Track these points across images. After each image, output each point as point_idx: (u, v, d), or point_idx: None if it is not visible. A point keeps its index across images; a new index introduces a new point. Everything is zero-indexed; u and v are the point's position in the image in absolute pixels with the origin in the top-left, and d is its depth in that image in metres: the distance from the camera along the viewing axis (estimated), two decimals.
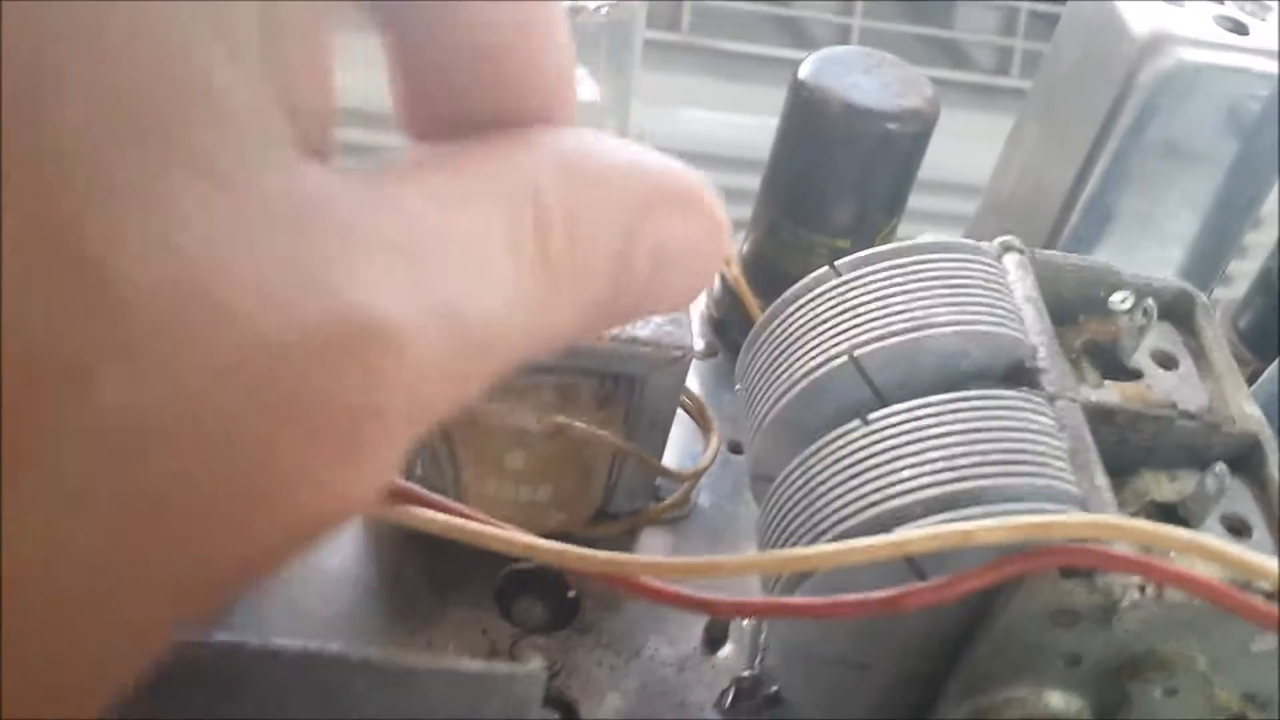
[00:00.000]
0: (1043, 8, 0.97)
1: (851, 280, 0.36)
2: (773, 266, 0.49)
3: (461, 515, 0.29)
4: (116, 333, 0.14)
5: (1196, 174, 0.48)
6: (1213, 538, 0.31)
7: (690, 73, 0.95)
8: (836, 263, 0.36)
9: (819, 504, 0.33)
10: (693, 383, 0.51)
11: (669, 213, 0.22)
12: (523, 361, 0.20)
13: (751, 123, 0.90)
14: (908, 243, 0.36)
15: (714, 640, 0.43)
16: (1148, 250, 0.50)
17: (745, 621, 0.43)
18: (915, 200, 0.94)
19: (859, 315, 0.35)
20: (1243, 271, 0.64)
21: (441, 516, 0.29)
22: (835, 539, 0.32)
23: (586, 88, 0.46)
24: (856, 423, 0.33)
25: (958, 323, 0.35)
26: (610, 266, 0.20)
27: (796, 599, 0.32)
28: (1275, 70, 0.46)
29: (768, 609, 0.35)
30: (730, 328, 0.52)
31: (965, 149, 0.73)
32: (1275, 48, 0.46)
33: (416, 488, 0.29)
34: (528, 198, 0.19)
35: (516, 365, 0.20)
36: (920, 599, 0.30)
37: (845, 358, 0.35)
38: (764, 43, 0.95)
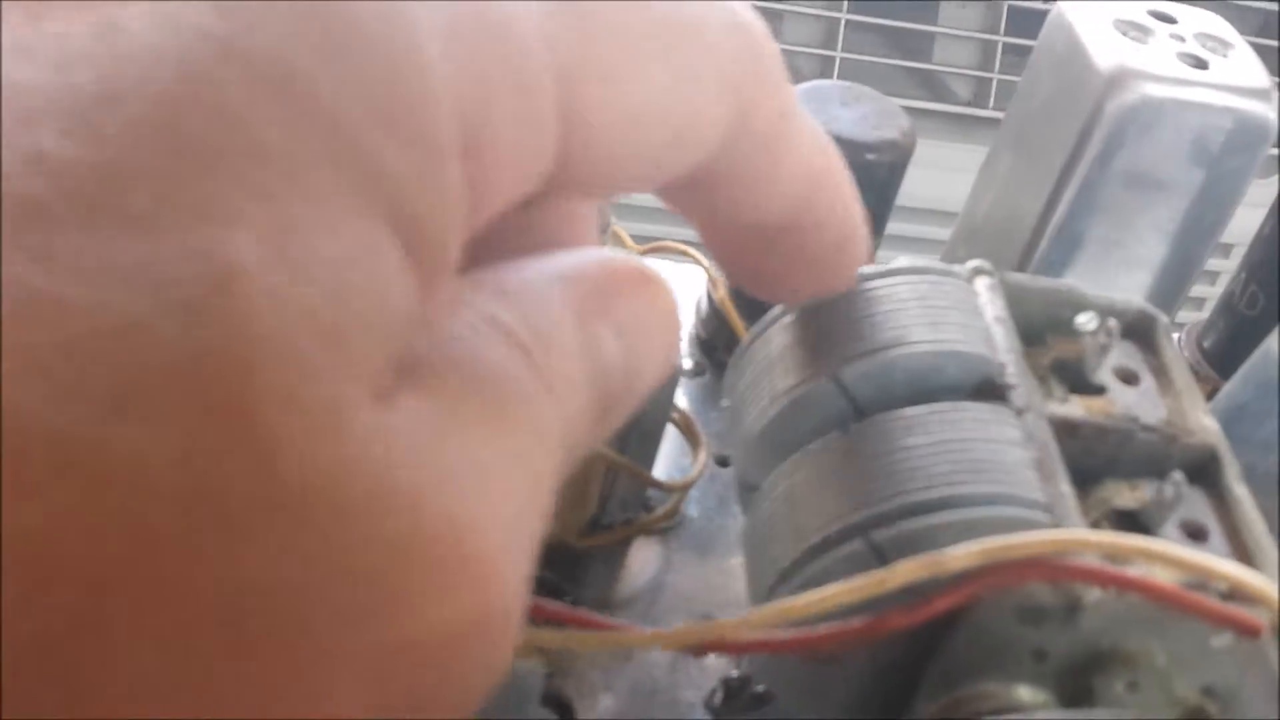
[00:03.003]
0: (1019, 42, 0.99)
1: (831, 300, 0.38)
2: None
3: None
4: (276, 503, 0.15)
5: (1161, 202, 0.50)
6: (1170, 544, 0.33)
7: None
8: None
9: (800, 510, 0.35)
10: (681, 400, 0.53)
11: (616, 296, 0.23)
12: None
13: None
14: (885, 266, 0.39)
15: None
16: (1115, 275, 0.53)
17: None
18: (896, 226, 0.97)
19: (839, 334, 0.37)
20: (1213, 295, 0.67)
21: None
22: (815, 544, 0.34)
23: None
24: (836, 433, 0.35)
25: (932, 341, 0.37)
26: (589, 362, 0.22)
27: (779, 636, 0.33)
28: (1234, 104, 0.48)
29: (756, 647, 0.36)
30: (717, 347, 0.54)
31: (943, 177, 0.75)
32: (1234, 83, 0.48)
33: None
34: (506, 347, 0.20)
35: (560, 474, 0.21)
36: (895, 622, 0.32)
37: (825, 374, 0.37)
38: None
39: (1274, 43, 1.08)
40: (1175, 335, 0.59)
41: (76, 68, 0.15)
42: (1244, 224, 0.57)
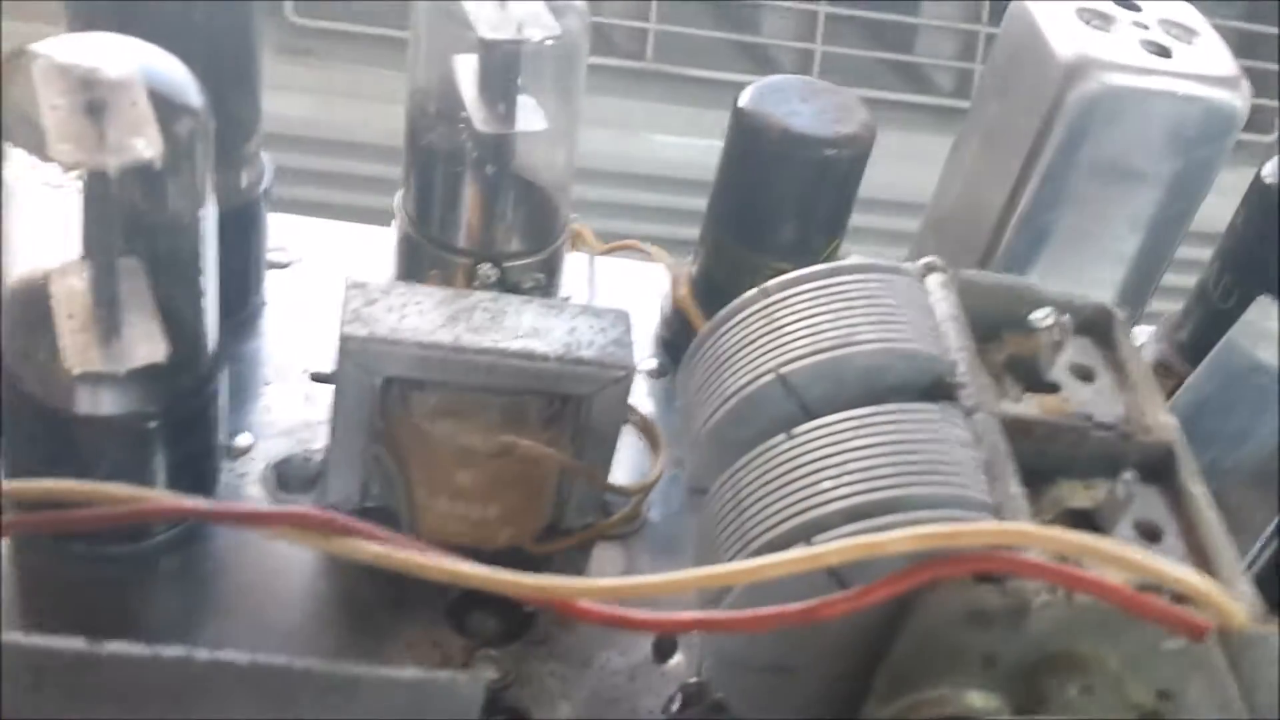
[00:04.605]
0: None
1: (780, 300, 0.38)
2: (719, 287, 0.51)
3: (396, 545, 0.30)
4: None
5: (1128, 193, 0.50)
6: (1115, 542, 0.32)
7: (655, 99, 0.97)
8: (765, 284, 0.38)
9: (746, 515, 0.34)
10: (644, 402, 0.52)
11: None
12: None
13: (715, 147, 0.93)
14: (833, 264, 0.38)
15: (663, 650, 0.44)
16: (1085, 268, 0.52)
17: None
18: (878, 220, 0.96)
19: (786, 334, 0.37)
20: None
21: (375, 546, 0.31)
22: (760, 549, 0.33)
23: (535, 117, 0.48)
24: (781, 437, 0.35)
25: (880, 340, 0.36)
26: None
27: (719, 614, 0.33)
28: (1198, 92, 0.47)
29: (694, 624, 0.36)
30: (680, 348, 0.53)
31: (925, 169, 0.74)
32: (1197, 70, 0.48)
33: (351, 520, 0.30)
34: None
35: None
36: (836, 609, 0.32)
37: (773, 375, 0.36)
38: (727, 69, 0.97)
39: (1272, 30, 1.06)
40: (1149, 328, 0.58)
41: None
42: (1225, 217, 0.56)
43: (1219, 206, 0.55)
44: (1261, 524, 0.42)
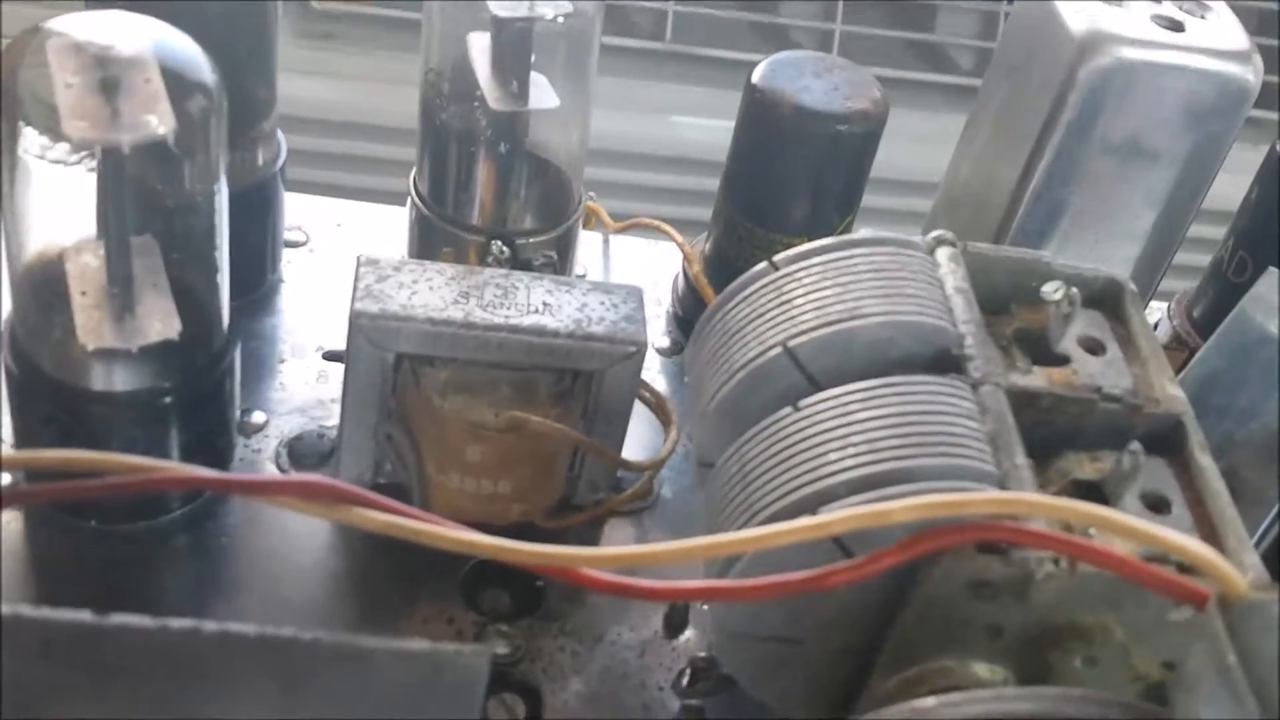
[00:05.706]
0: None
1: (788, 274, 0.38)
2: (732, 264, 0.51)
3: (404, 514, 0.31)
4: None
5: (1139, 168, 0.49)
6: (1116, 512, 0.32)
7: (674, 79, 0.97)
8: (775, 258, 0.38)
9: (753, 487, 0.34)
10: (658, 379, 0.52)
11: None
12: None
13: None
14: (842, 238, 0.38)
15: (674, 626, 0.44)
16: (1096, 244, 0.52)
17: (704, 606, 0.44)
18: (897, 200, 0.96)
19: (794, 307, 0.37)
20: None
21: (383, 516, 0.31)
22: (766, 520, 0.33)
23: (548, 94, 0.48)
24: (788, 409, 0.35)
25: (887, 313, 0.36)
26: None
27: (725, 583, 0.33)
28: (1210, 66, 0.47)
29: (699, 593, 0.36)
30: (693, 325, 0.53)
31: (946, 150, 0.74)
32: (1210, 45, 0.47)
33: (360, 489, 0.31)
34: None
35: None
36: (841, 577, 0.32)
37: (780, 348, 0.36)
38: (746, 49, 0.97)
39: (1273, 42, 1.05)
40: (1163, 304, 0.58)
41: None
42: (1236, 195, 0.56)
43: (1229, 184, 0.55)
44: (1273, 498, 0.42)
